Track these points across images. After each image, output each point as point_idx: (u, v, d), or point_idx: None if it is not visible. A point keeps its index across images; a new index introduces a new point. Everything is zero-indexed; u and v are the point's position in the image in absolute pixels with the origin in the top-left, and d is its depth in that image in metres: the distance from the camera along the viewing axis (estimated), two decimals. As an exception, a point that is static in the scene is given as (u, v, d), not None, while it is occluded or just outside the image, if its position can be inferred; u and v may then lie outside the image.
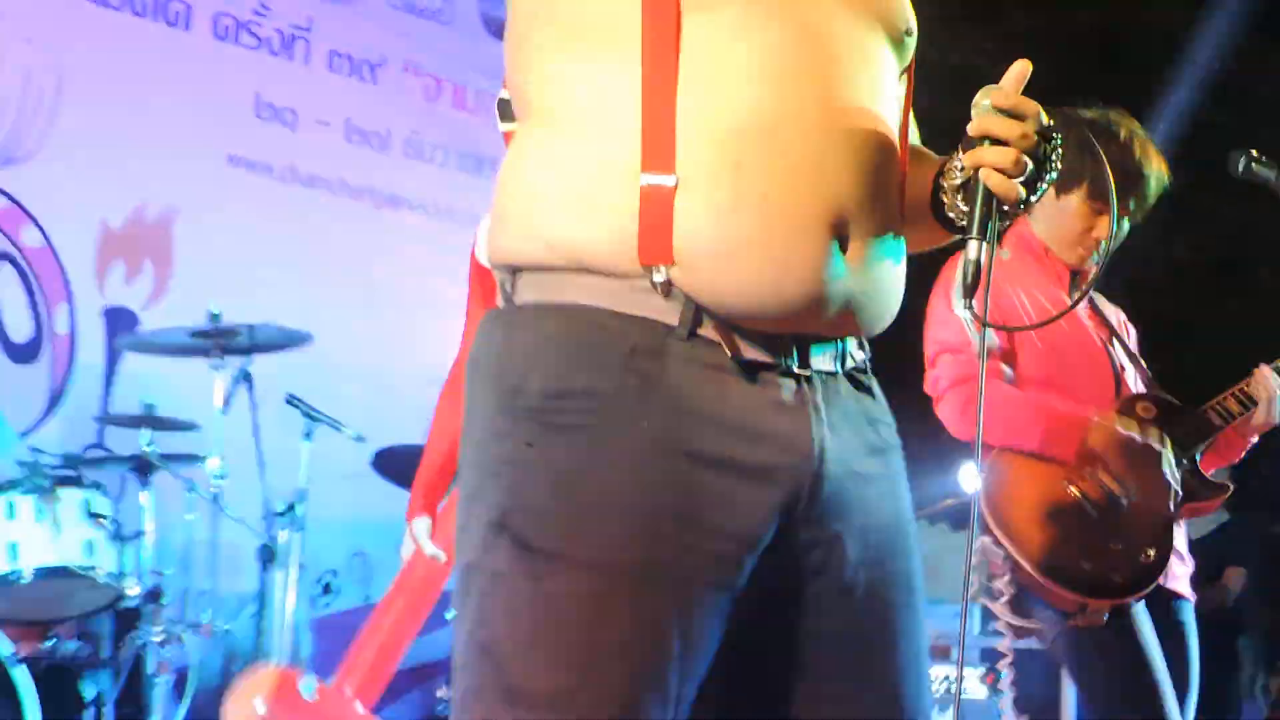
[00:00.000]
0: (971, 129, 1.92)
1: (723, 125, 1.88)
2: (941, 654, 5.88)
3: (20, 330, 6.15)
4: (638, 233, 1.86)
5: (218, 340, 5.19)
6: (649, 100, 1.89)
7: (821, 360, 1.92)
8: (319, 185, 7.06)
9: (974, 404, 3.49)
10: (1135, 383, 3.72)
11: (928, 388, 3.58)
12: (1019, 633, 3.63)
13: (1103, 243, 3.63)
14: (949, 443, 3.65)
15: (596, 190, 1.90)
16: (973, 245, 1.91)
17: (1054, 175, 1.97)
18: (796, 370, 1.90)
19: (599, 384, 1.86)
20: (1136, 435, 3.55)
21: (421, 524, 3.73)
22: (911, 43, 2.09)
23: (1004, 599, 3.48)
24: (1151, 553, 3.49)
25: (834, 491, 1.90)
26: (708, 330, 1.87)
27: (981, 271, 1.92)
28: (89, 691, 5.09)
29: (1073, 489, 3.50)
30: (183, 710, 5.20)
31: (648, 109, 1.88)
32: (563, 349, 1.89)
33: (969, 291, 1.93)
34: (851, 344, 1.99)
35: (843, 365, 1.97)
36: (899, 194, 2.02)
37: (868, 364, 2.03)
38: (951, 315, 3.62)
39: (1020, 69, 1.95)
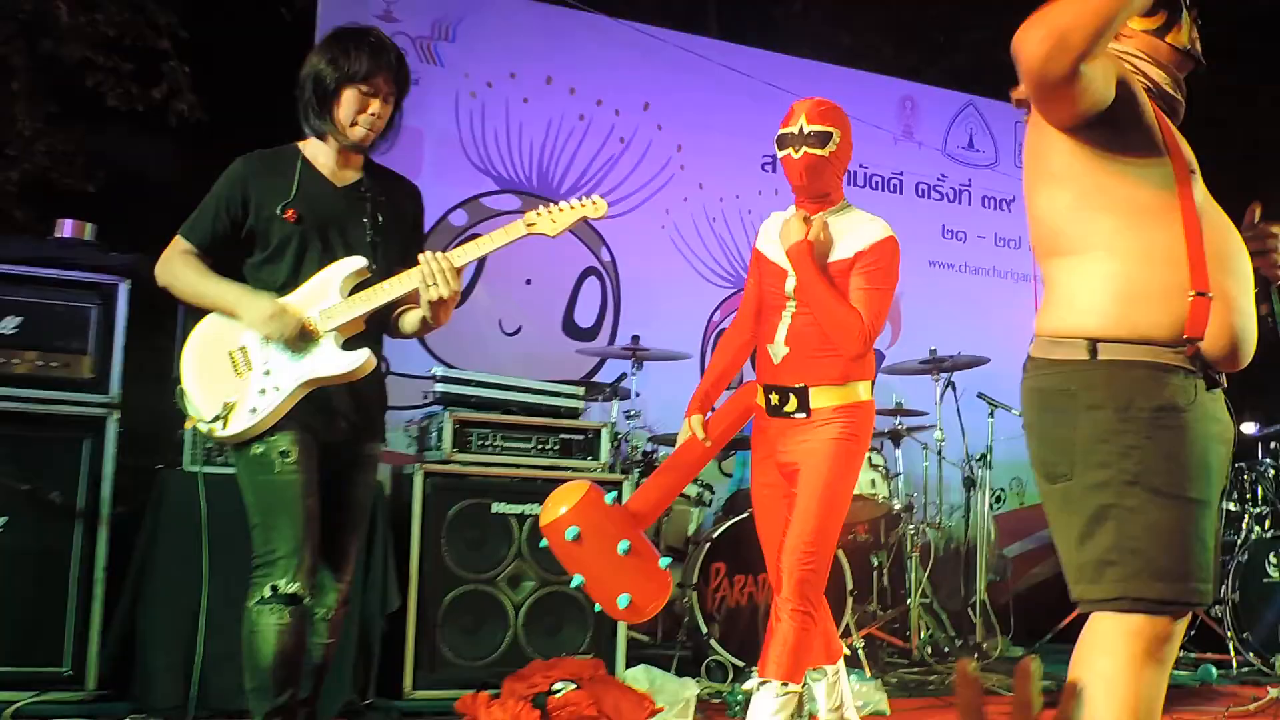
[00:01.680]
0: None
1: (1220, 264, 2.04)
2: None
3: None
4: (1187, 323, 2.00)
5: (935, 365, 5.51)
6: (1192, 248, 2.02)
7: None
8: (985, 273, 7.31)
9: None
10: None
11: None
12: None
13: None
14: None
15: (1161, 297, 2.02)
16: None
17: None
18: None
19: (1177, 401, 2.00)
20: None
21: (696, 420, 3.36)
22: None
23: None
24: None
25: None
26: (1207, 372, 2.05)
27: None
28: (874, 561, 5.50)
29: None
30: (925, 574, 5.38)
31: (1191, 253, 2.02)
32: (1152, 382, 2.01)
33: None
34: None
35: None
36: None
37: None
38: None
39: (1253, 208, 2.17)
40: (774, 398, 3.29)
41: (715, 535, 4.85)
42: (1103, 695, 1.97)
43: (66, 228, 4.07)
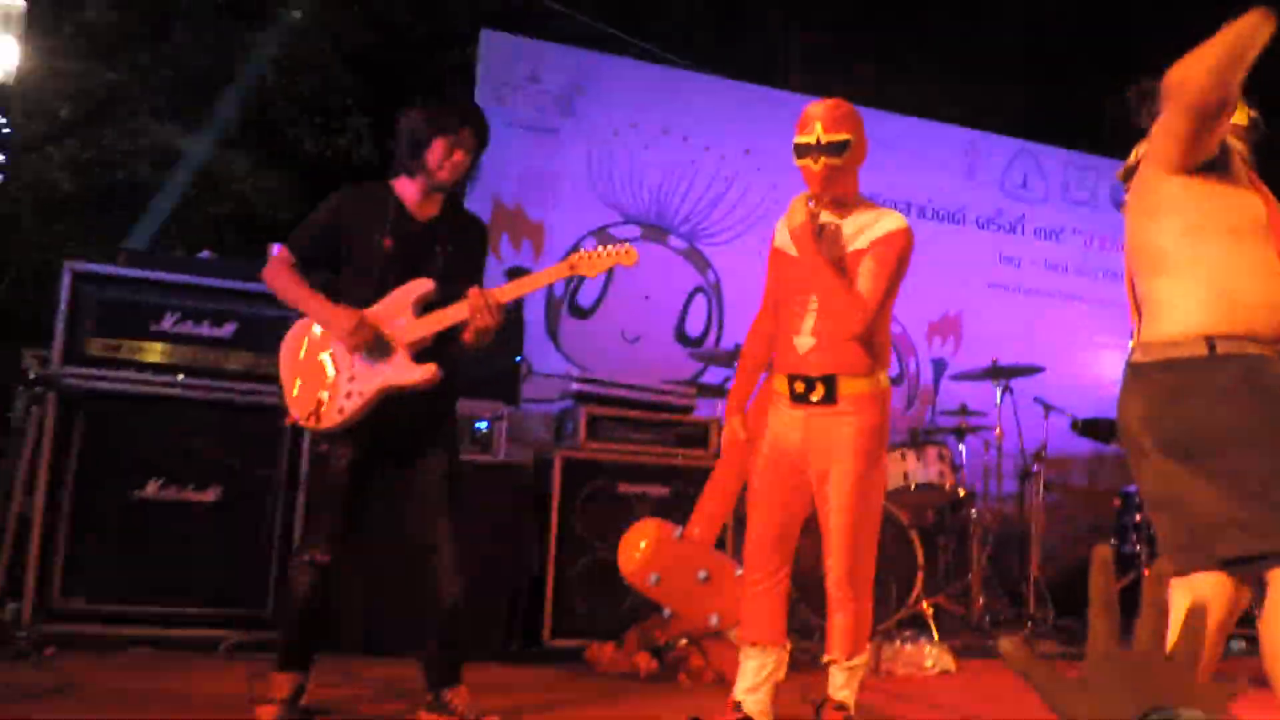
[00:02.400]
0: None
1: None
2: None
3: (893, 371, 6.53)
4: (1275, 324, 2.04)
5: (995, 372, 5.29)
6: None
7: None
8: (1037, 294, 7.02)
9: None
10: None
11: None
12: None
13: None
14: None
15: (1259, 304, 2.04)
16: None
17: None
18: None
19: None
20: None
21: (736, 421, 2.98)
22: None
23: None
24: None
25: None
26: None
27: None
28: (940, 542, 5.23)
29: None
30: (984, 553, 5.15)
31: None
32: (1268, 367, 2.01)
33: None
34: None
35: None
36: None
37: None
38: None
39: None
40: (799, 386, 2.85)
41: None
42: None
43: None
